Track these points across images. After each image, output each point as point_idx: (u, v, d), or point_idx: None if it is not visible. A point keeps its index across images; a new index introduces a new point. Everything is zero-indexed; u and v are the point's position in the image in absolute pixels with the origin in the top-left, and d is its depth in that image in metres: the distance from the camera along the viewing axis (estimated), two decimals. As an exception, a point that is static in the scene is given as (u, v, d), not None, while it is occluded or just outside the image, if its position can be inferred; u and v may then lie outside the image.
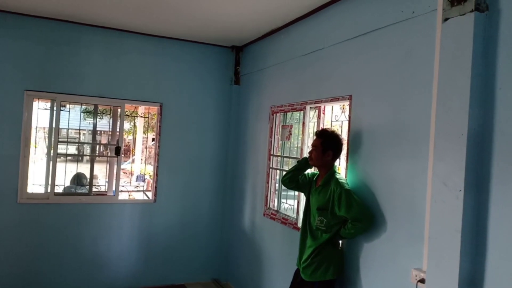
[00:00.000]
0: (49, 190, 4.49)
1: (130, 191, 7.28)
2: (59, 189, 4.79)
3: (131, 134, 13.14)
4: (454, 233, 2.02)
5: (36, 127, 4.73)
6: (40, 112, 4.89)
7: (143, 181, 10.43)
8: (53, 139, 4.52)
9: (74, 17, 4.29)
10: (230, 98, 5.22)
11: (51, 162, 4.49)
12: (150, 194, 5.13)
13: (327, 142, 2.94)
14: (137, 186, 9.37)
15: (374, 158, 2.81)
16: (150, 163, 12.57)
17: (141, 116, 11.69)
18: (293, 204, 3.98)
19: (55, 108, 4.52)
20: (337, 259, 2.92)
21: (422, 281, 2.29)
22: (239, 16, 3.94)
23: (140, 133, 12.55)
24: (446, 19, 2.06)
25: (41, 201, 4.43)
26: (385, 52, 2.77)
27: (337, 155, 2.98)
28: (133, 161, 12.42)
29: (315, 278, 2.90)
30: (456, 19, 2.01)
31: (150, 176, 11.27)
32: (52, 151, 4.50)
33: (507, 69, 1.90)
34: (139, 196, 5.44)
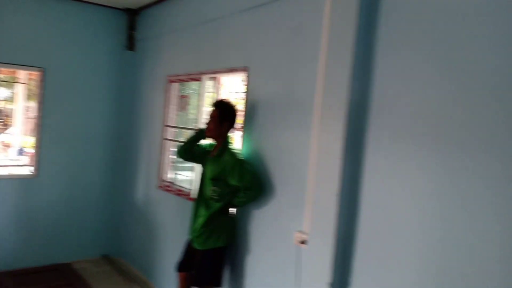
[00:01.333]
0: None
1: (7, 165, 6.49)
2: None
3: (11, 103, 11.72)
4: (332, 197, 2.20)
5: None
6: None
7: (24, 154, 9.42)
8: None
9: None
10: (123, 65, 4.89)
11: None
12: (31, 169, 4.63)
13: (224, 113, 2.95)
14: (16, 160, 8.43)
15: (267, 128, 2.90)
16: (32, 135, 11.36)
17: (22, 83, 10.45)
18: (188, 175, 3.94)
19: None
20: (228, 227, 3.00)
21: (303, 242, 2.46)
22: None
23: (21, 102, 11.22)
24: (334, -5, 2.17)
25: None
26: (278, 25, 2.84)
27: (232, 126, 3.01)
28: (12, 132, 11.10)
29: (206, 246, 2.94)
30: (342, -4, 2.13)
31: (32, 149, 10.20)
32: None
33: (385, 47, 2.08)
34: (22, 171, 4.85)
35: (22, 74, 9.67)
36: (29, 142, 10.52)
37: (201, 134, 3.14)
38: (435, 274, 1.82)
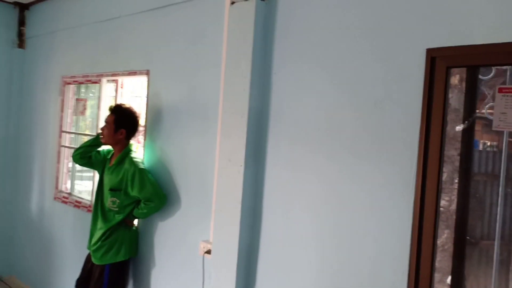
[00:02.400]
0: None
1: None
2: None
3: None
4: (235, 205, 2.19)
5: None
6: None
7: None
8: None
9: None
10: (12, 64, 4.38)
11: None
12: None
13: (120, 119, 2.77)
14: None
15: (171, 135, 2.80)
16: None
17: None
18: (88, 185, 3.67)
19: None
20: (129, 240, 2.83)
21: (208, 252, 2.41)
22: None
23: None
24: (232, 3, 2.16)
25: None
26: (180, 29, 2.76)
27: (131, 133, 2.84)
28: None
29: (105, 261, 2.75)
30: (240, 4, 2.13)
31: None
32: None
33: (280, 55, 2.12)
34: None
35: None
36: None
37: (97, 139, 2.92)
38: (331, 275, 1.89)
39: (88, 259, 2.94)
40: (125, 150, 2.81)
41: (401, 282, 1.66)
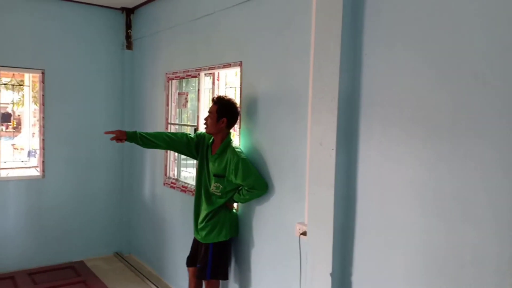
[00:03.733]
0: None
1: (15, 168, 6.62)
2: None
3: (20, 106, 11.87)
4: (328, 188, 2.21)
5: None
6: None
7: (35, 156, 9.59)
8: None
9: None
10: (122, 64, 4.93)
11: None
12: (38, 170, 4.72)
13: (222, 109, 2.96)
14: (26, 162, 8.58)
15: (264, 123, 2.91)
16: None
17: (28, 86, 10.58)
18: (192, 172, 3.99)
19: None
20: (230, 222, 3.04)
21: (304, 233, 2.48)
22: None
23: (29, 105, 11.37)
24: (320, -13, 2.16)
25: None
26: (270, 19, 2.84)
27: (231, 122, 3.01)
28: (22, 135, 11.28)
29: (209, 240, 2.99)
30: (328, -12, 2.12)
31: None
32: None
33: (371, 37, 2.08)
34: (30, 173, 4.97)
35: (28, 77, 9.77)
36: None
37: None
38: (434, 260, 1.83)
39: (194, 239, 3.22)
40: (227, 139, 3.00)
41: (507, 265, 1.55)
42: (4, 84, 6.63)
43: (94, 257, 4.86)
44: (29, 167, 6.21)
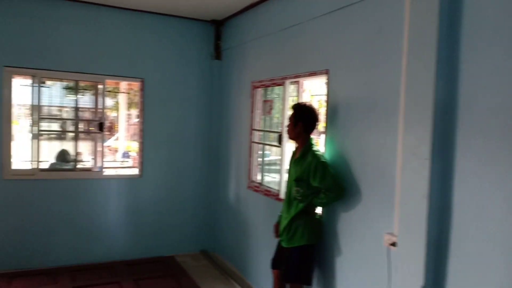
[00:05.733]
0: (34, 167, 4.52)
1: (115, 167, 7.32)
2: (44, 166, 4.81)
3: (114, 111, 13.08)
4: (421, 199, 2.17)
5: (19, 104, 4.68)
6: (22, 89, 4.84)
7: (128, 157, 10.48)
8: (35, 116, 4.51)
9: (51, -9, 4.22)
10: (211, 73, 5.24)
11: (34, 139, 4.51)
12: (135, 170, 5.18)
13: (297, 114, 3.06)
14: (123, 162, 9.40)
15: (349, 130, 2.93)
16: (134, 140, 12.60)
17: (124, 92, 11.61)
18: (275, 177, 4.10)
19: (36, 85, 4.49)
20: (312, 226, 3.08)
21: (393, 244, 2.45)
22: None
23: (123, 110, 12.47)
24: (414, -5, 2.13)
25: (27, 177, 4.47)
26: (358, 27, 2.85)
27: (309, 127, 3.07)
28: (117, 138, 12.39)
29: (291, 244, 3.07)
30: (424, -5, 2.09)
31: (135, 152, 11.32)
32: (35, 128, 4.51)
33: (469, 43, 2.00)
34: (125, 172, 5.51)
35: (123, 85, 10.74)
36: (132, 146, 11.71)
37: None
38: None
39: (279, 242, 3.32)
40: (308, 144, 3.07)
41: None
42: (108, 91, 7.36)
43: (183, 254, 5.19)
44: (128, 167, 6.84)
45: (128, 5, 4.62)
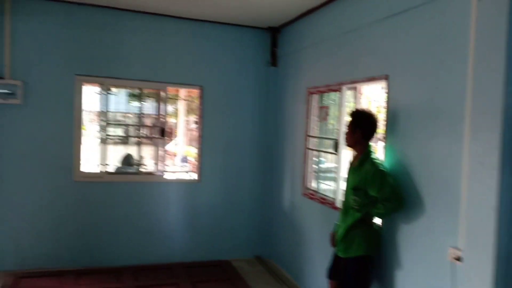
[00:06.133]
0: (102, 170, 4.83)
1: (175, 171, 7.60)
2: (109, 169, 5.11)
3: (173, 117, 13.61)
4: (489, 211, 2.04)
5: (85, 110, 5.02)
6: (89, 96, 5.18)
7: (187, 162, 10.83)
8: (103, 122, 4.82)
9: (117, 3, 4.49)
10: (267, 80, 5.30)
11: (102, 144, 4.82)
12: (193, 175, 5.35)
13: (355, 120, 2.99)
14: (181, 167, 9.74)
15: (411, 138, 2.81)
16: (192, 145, 13.04)
17: (183, 99, 12.07)
18: (331, 184, 4.04)
19: (104, 92, 4.80)
20: (370, 236, 2.98)
21: (458, 259, 2.32)
22: (276, -2, 3.98)
23: (182, 116, 12.95)
24: (481, -3, 2.03)
25: (96, 179, 4.79)
26: (419, 31, 2.75)
27: (367, 134, 2.98)
28: (176, 143, 12.85)
29: (348, 254, 3.00)
30: (492, -3, 1.98)
31: (193, 158, 11.68)
32: (102, 133, 4.82)
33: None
34: (184, 177, 5.73)
35: (183, 92, 11.14)
36: (190, 151, 12.10)
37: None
38: None
39: (335, 252, 3.25)
40: (366, 151, 2.99)
41: None
42: (169, 98, 7.69)
43: (238, 258, 5.26)
44: (186, 172, 7.09)
45: (189, 15, 4.81)
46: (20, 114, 4.42)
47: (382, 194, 2.79)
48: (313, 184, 4.40)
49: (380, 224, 3.09)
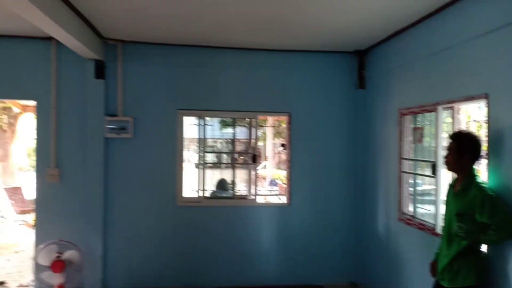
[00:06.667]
0: (200, 195, 5.18)
1: (265, 195, 7.80)
2: (206, 194, 5.45)
3: (261, 141, 14.01)
4: None
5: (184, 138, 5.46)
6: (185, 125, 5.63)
7: (275, 185, 11.02)
8: (201, 149, 5.21)
9: (212, 41, 4.90)
10: (355, 103, 5.28)
11: (200, 170, 5.19)
12: (283, 198, 5.46)
13: (463, 145, 2.82)
14: (271, 190, 9.95)
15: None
16: (280, 168, 13.25)
17: (271, 126, 12.45)
18: (430, 209, 3.85)
19: (201, 123, 5.21)
20: (479, 266, 2.78)
21: None
22: (362, 22, 4.02)
23: (269, 140, 13.29)
24: None
25: (195, 204, 5.17)
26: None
27: (475, 158, 2.82)
28: (264, 166, 13.17)
29: (455, 284, 2.81)
30: None
31: (281, 180, 11.90)
32: (200, 160, 5.20)
33: None
34: (274, 200, 5.89)
35: (270, 117, 11.48)
36: (278, 174, 12.30)
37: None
38: None
39: (436, 282, 3.06)
40: (470, 175, 2.81)
41: None
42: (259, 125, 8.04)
43: (333, 284, 5.20)
44: (275, 195, 7.25)
45: (277, 47, 5.06)
46: (131, 146, 4.98)
47: (494, 220, 2.60)
48: (410, 208, 4.22)
49: (486, 251, 2.87)
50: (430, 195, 3.88)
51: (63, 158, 4.91)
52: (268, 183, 11.82)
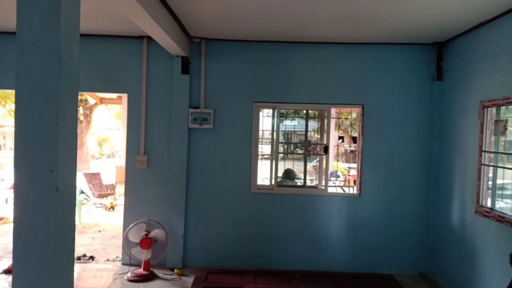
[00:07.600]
0: (273, 183, 5.44)
1: (333, 185, 7.94)
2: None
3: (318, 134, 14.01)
4: None
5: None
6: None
7: (336, 177, 11.08)
8: (275, 140, 5.46)
9: (288, 37, 5.10)
10: (432, 95, 5.24)
11: (273, 160, 5.45)
12: (350, 189, 5.57)
13: None
14: (334, 181, 10.07)
15: None
16: (339, 160, 13.23)
17: (336, 118, 12.48)
18: (509, 202, 3.81)
19: (275, 115, 5.45)
20: None
21: None
22: (444, 14, 4.01)
23: (332, 132, 13.31)
24: None
25: (267, 191, 5.44)
26: None
27: None
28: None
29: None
30: None
31: (342, 172, 11.91)
32: (274, 150, 5.46)
33: None
34: (348, 191, 6.02)
35: (333, 110, 11.52)
36: (338, 166, 12.31)
37: None
38: None
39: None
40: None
41: None
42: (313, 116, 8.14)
43: (401, 274, 5.26)
44: (340, 186, 7.37)
45: (351, 40, 5.15)
46: (211, 136, 5.35)
47: None
48: (488, 202, 4.19)
49: None
50: (509, 189, 3.83)
51: (150, 146, 5.39)
52: (330, 175, 11.89)
